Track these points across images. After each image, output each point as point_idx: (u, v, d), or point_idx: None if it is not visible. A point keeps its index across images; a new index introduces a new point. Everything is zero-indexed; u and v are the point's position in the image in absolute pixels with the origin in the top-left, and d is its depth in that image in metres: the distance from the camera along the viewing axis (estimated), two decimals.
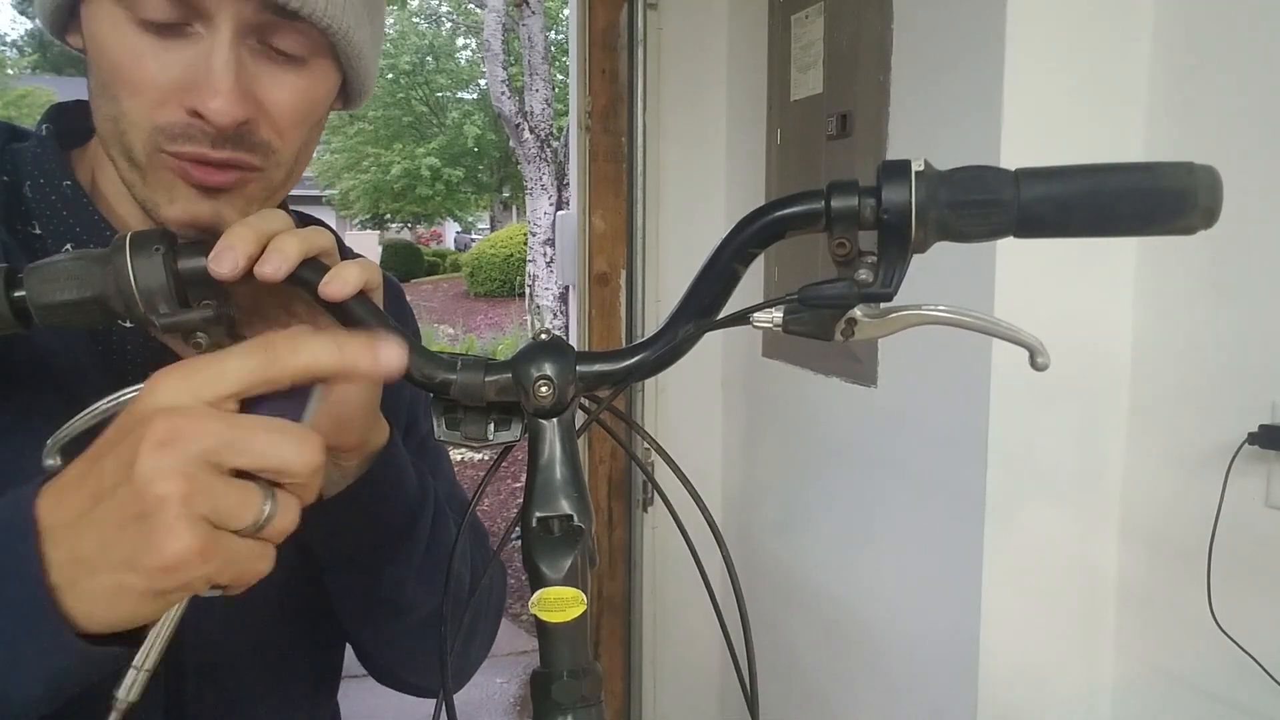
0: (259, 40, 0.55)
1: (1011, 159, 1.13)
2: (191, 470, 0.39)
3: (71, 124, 0.65)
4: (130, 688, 0.43)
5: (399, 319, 0.78)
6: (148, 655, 0.44)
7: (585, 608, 0.45)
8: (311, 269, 0.50)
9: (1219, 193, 0.44)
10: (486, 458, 6.01)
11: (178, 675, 0.62)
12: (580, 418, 0.50)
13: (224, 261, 0.47)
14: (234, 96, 0.53)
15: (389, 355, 0.44)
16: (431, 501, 0.66)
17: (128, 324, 0.49)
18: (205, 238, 0.49)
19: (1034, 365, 0.48)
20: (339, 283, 0.50)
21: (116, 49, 0.54)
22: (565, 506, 0.46)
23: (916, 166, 0.44)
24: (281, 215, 0.51)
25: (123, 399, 0.46)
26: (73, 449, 0.44)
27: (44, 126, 0.64)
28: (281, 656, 0.68)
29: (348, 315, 0.50)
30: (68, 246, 0.60)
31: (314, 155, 0.67)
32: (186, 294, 0.48)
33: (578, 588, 0.45)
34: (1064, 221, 0.45)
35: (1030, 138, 1.16)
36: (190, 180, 0.55)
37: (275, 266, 0.48)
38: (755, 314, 0.49)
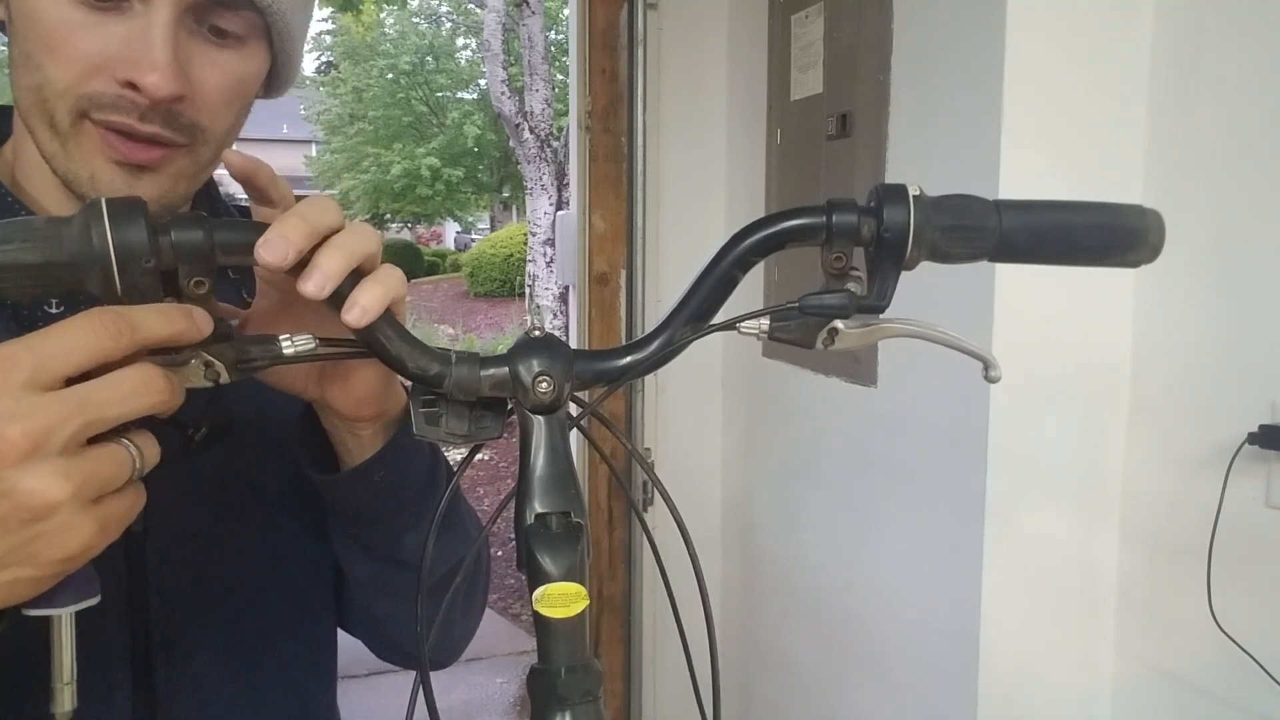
0: (195, 20, 0.55)
1: (1011, 159, 1.13)
2: (65, 466, 0.38)
3: None
4: (65, 700, 0.45)
5: None
6: (64, 668, 0.45)
7: (588, 603, 0.45)
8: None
9: (1164, 233, 0.51)
10: (485, 458, 5.99)
11: (144, 654, 0.61)
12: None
13: (274, 250, 0.42)
14: (171, 72, 0.53)
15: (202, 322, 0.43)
16: (443, 464, 0.66)
17: (60, 308, 0.46)
18: (193, 214, 0.45)
19: (987, 378, 0.52)
20: (358, 311, 0.44)
21: (48, 20, 0.53)
22: (563, 503, 0.46)
23: (913, 191, 0.49)
24: (335, 209, 0.46)
25: None
26: None
27: None
28: (255, 641, 0.68)
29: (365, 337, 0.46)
30: None
31: (313, 155, 0.66)
32: (175, 272, 0.43)
33: (580, 583, 0.45)
34: (1035, 250, 0.50)
35: (1030, 138, 1.16)
36: (114, 155, 0.55)
37: (318, 285, 0.43)
38: (743, 322, 0.51)
